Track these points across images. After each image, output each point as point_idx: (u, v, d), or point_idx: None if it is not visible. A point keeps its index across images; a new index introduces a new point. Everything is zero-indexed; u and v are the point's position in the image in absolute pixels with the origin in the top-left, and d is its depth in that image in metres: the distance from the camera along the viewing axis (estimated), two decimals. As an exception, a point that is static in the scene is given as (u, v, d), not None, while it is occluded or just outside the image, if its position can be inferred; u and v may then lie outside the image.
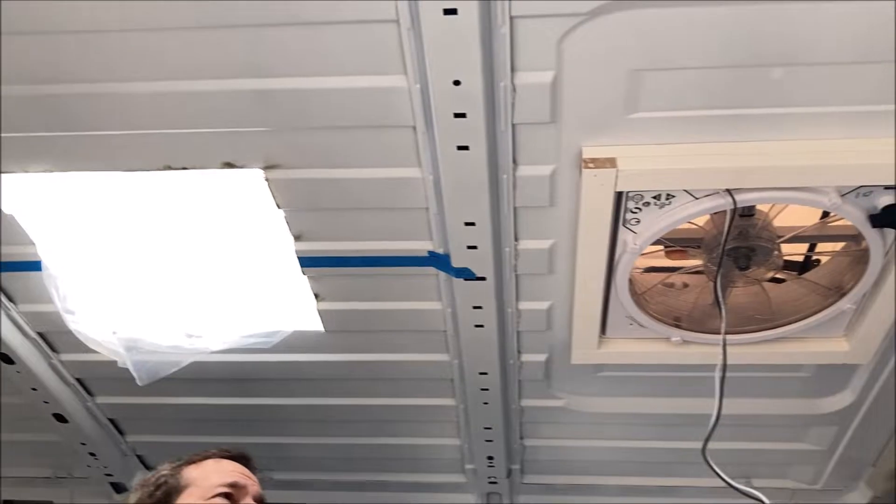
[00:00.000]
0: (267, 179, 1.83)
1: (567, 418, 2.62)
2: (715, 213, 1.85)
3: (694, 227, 1.93)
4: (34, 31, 1.54)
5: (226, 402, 2.66)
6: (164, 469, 1.61)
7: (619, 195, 1.75)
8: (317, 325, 2.28)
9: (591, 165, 1.67)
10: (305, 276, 2.12)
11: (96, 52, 1.58)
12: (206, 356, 2.32)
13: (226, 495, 1.56)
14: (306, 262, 2.07)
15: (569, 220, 1.87)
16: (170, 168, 1.81)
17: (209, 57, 1.57)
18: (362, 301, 2.21)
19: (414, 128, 1.66)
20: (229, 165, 1.81)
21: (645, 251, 1.95)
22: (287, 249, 2.03)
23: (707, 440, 1.84)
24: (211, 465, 1.62)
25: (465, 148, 1.64)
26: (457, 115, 1.56)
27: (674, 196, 1.76)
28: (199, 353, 2.26)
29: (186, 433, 2.85)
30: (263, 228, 1.99)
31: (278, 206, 1.91)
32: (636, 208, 1.80)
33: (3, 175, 1.83)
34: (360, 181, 1.82)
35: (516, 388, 2.50)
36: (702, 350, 2.12)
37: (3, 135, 1.75)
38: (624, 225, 1.84)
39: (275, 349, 2.32)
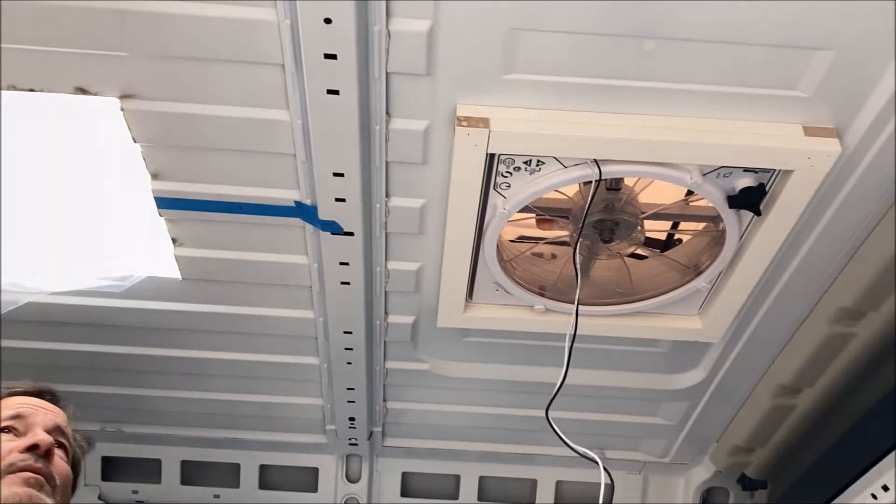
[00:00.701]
0: (123, 109, 1.71)
1: (431, 382, 2.62)
2: (584, 185, 1.86)
3: (563, 197, 1.94)
4: None
5: (77, 348, 2.52)
6: None
7: (490, 157, 1.73)
8: (174, 271, 2.17)
9: (464, 124, 1.65)
10: (163, 219, 2.01)
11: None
12: (52, 297, 2.17)
13: (8, 429, 1.46)
14: (164, 203, 1.96)
15: (441, 180, 1.84)
16: (14, 88, 1.66)
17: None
18: (224, 249, 2.12)
19: (283, 66, 1.58)
20: (82, 91, 1.67)
21: (516, 219, 1.96)
22: (144, 188, 1.91)
23: (550, 403, 1.87)
24: (1, 405, 1.51)
25: (336, 92, 1.58)
26: (327, 56, 1.49)
27: (544, 163, 1.76)
28: (40, 293, 2.11)
29: (39, 380, 2.68)
30: (119, 163, 1.86)
31: (135, 140, 1.79)
32: (507, 172, 1.79)
33: None
34: (223, 119, 1.73)
35: (382, 349, 2.47)
36: (562, 319, 2.14)
37: None
38: (494, 188, 1.83)
39: (128, 294, 2.20)
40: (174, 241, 2.08)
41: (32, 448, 1.40)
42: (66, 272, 2.08)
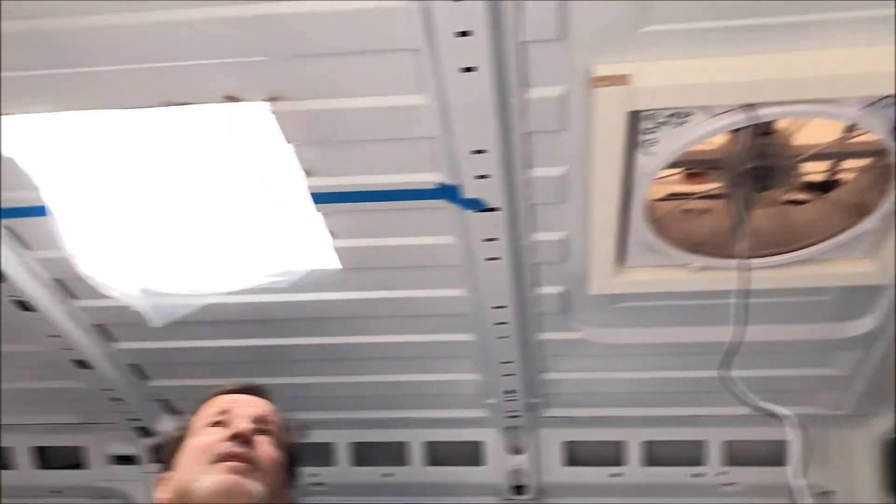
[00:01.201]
0: (273, 112, 1.78)
1: (587, 350, 2.60)
2: (734, 132, 1.79)
3: (712, 147, 1.87)
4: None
5: (244, 343, 2.67)
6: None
7: (633, 115, 1.69)
8: (333, 262, 2.26)
9: (602, 84, 1.61)
10: (319, 213, 2.09)
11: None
12: (221, 297, 2.31)
13: (217, 423, 1.64)
14: (318, 198, 2.03)
15: (582, 145, 1.81)
16: (170, 104, 1.77)
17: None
18: (376, 237, 2.18)
19: (416, 50, 1.60)
20: (232, 99, 1.76)
21: (662, 175, 1.90)
22: (299, 186, 1.99)
23: (725, 364, 1.81)
24: (209, 404, 1.74)
25: (471, 69, 1.58)
26: (460, 34, 1.50)
27: (691, 114, 1.70)
28: (213, 295, 2.25)
29: (207, 376, 2.84)
30: (274, 165, 1.95)
31: (287, 141, 1.87)
32: (652, 129, 1.74)
33: (4, 117, 1.80)
34: (364, 111, 1.77)
35: (534, 321, 2.47)
36: (722, 275, 2.07)
37: (2, 74, 1.72)
38: (639, 147, 1.79)
39: (292, 289, 2.31)
40: (332, 233, 2.16)
41: (234, 437, 1.53)
42: (236, 273, 2.21)
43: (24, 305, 2.39)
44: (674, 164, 1.85)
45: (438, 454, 3.11)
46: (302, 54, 1.66)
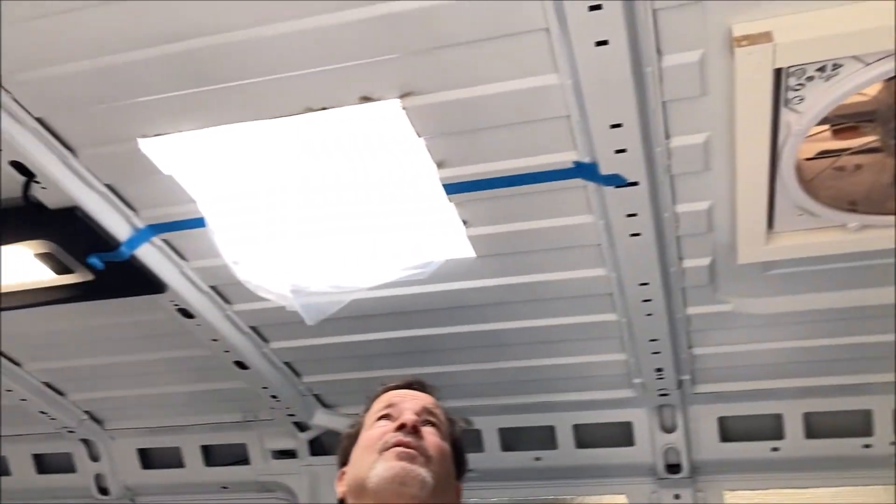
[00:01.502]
0: (404, 108, 1.81)
1: (737, 322, 2.51)
2: (887, 81, 1.67)
3: (864, 98, 1.76)
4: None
5: (388, 335, 2.73)
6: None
7: (777, 73, 1.61)
8: (468, 251, 2.27)
9: (743, 43, 1.55)
10: (452, 204, 2.11)
11: (219, 2, 1.60)
12: (366, 293, 2.37)
13: (385, 416, 1.71)
14: (451, 188, 2.05)
15: (723, 108, 1.75)
16: (310, 110, 1.83)
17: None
18: (511, 223, 2.18)
19: (547, 30, 1.59)
20: (366, 99, 1.80)
21: (811, 133, 1.81)
22: (431, 178, 2.02)
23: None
24: (377, 400, 1.80)
25: (605, 43, 1.55)
26: (592, 8, 1.47)
27: (840, 65, 1.60)
28: (359, 291, 2.31)
29: (355, 370, 2.96)
30: (406, 159, 1.98)
31: (418, 135, 1.89)
32: (798, 85, 1.65)
33: (160, 137, 1.91)
34: (496, 97, 1.78)
35: (680, 296, 2.41)
36: (883, 234, 1.95)
37: (150, 98, 1.82)
38: (786, 105, 1.70)
39: (430, 279, 2.34)
40: (465, 222, 2.17)
41: (401, 427, 1.58)
42: (378, 268, 2.26)
43: (186, 313, 2.53)
44: (824, 121, 1.75)
45: (587, 436, 3.08)
46: (432, 47, 1.68)
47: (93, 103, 1.85)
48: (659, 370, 2.68)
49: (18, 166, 1.97)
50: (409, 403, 1.72)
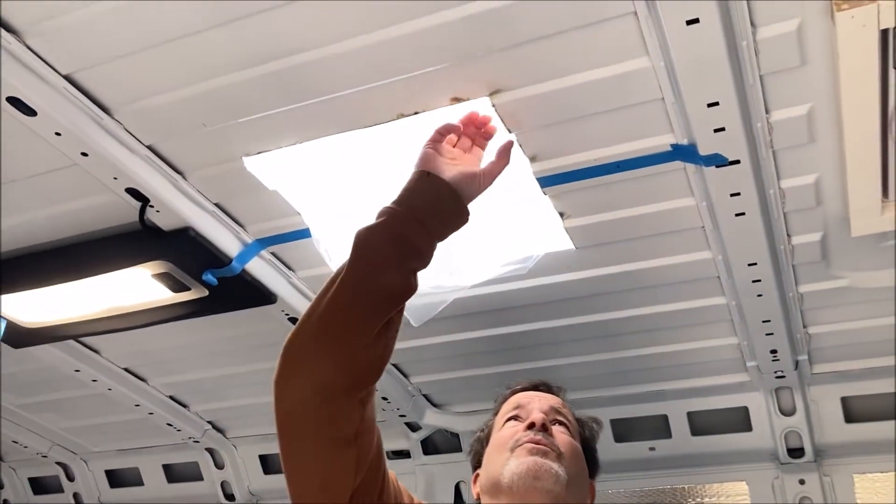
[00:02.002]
0: (494, 105, 1.82)
1: (853, 298, 2.40)
2: None
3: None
4: (246, 14, 1.63)
5: (493, 332, 2.74)
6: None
7: (884, 34, 1.53)
8: (567, 243, 2.26)
9: (844, 7, 1.48)
10: (547, 196, 2.11)
11: (308, 19, 1.65)
12: (468, 291, 2.39)
13: (514, 417, 1.76)
14: (546, 181, 2.05)
15: (827, 76, 1.68)
16: (403, 115, 1.86)
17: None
18: (610, 211, 2.16)
19: (634, 13, 1.57)
20: (457, 100, 1.82)
21: (924, 93, 1.71)
22: (525, 172, 2.02)
23: None
24: (505, 403, 1.88)
25: (696, 21, 1.52)
26: (680, -13, 1.44)
27: (953, 19, 1.51)
28: (461, 290, 2.33)
29: (462, 368, 2.99)
30: (499, 156, 1.98)
31: (509, 131, 1.90)
32: (907, 44, 1.57)
33: (263, 154, 1.99)
34: (586, 85, 1.76)
35: (791, 274, 2.33)
36: None
37: (251, 117, 1.90)
38: (895, 67, 1.62)
39: (531, 274, 2.34)
40: (562, 214, 2.16)
41: (531, 426, 1.60)
42: (477, 267, 2.28)
43: (296, 321, 2.61)
44: (938, 78, 1.66)
45: (703, 423, 3.01)
46: (517, 43, 1.68)
47: (198, 127, 1.94)
48: (773, 352, 2.59)
49: (134, 192, 2.08)
50: (537, 403, 1.76)
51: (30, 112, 1.83)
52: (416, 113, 1.85)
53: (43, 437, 3.79)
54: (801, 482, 2.92)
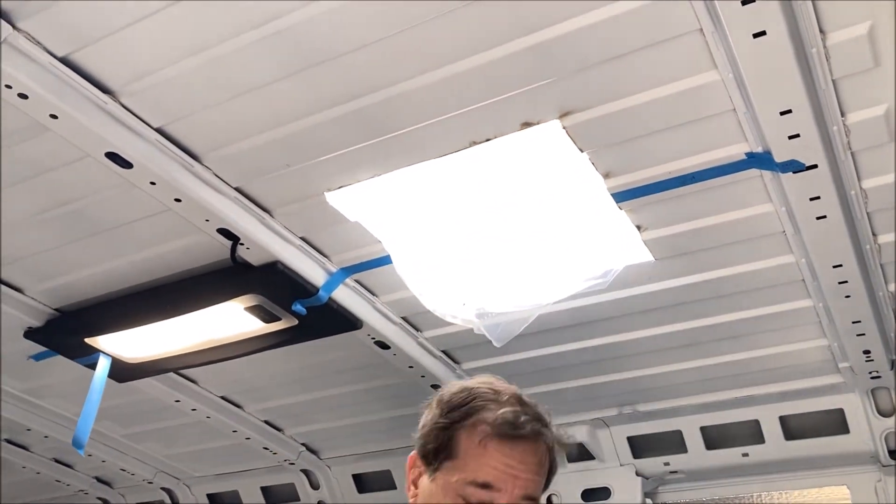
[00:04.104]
0: (564, 128, 1.86)
1: (949, 293, 2.33)
2: None
3: None
4: (321, 60, 1.71)
5: (575, 346, 2.76)
6: (441, 420, 1.53)
7: (960, 29, 1.51)
8: (646, 255, 2.27)
9: (916, 7, 1.46)
10: (623, 211, 2.12)
11: (380, 60, 1.72)
12: (549, 307, 2.42)
13: (484, 486, 1.44)
14: (621, 196, 2.07)
15: (901, 75, 1.66)
16: (475, 143, 1.92)
17: (478, 31, 1.65)
18: (687, 221, 2.16)
19: (700, 30, 1.58)
20: (527, 125, 1.86)
21: None
22: (599, 189, 2.04)
23: None
24: (474, 447, 1.46)
25: (763, 33, 1.52)
26: (745, 2, 1.45)
27: None
28: (543, 307, 2.36)
29: (546, 382, 3.01)
30: (573, 175, 2.02)
31: (581, 150, 1.93)
32: None
33: (343, 189, 2.07)
34: (654, 102, 1.78)
35: (879, 273, 2.27)
36: None
37: (331, 155, 1.98)
38: (973, 62, 1.59)
39: (612, 287, 2.35)
40: (639, 227, 2.18)
41: None
42: (558, 283, 2.31)
43: (382, 344, 2.70)
44: None
45: (796, 427, 2.94)
46: (586, 66, 1.72)
47: (282, 167, 2.04)
48: (867, 352, 2.53)
49: (225, 232, 2.19)
50: (512, 487, 1.44)
51: (126, 165, 1.95)
52: (487, 140, 1.90)
53: (147, 464, 3.97)
54: (906, 484, 2.84)
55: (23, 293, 2.62)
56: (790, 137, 1.77)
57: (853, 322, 2.40)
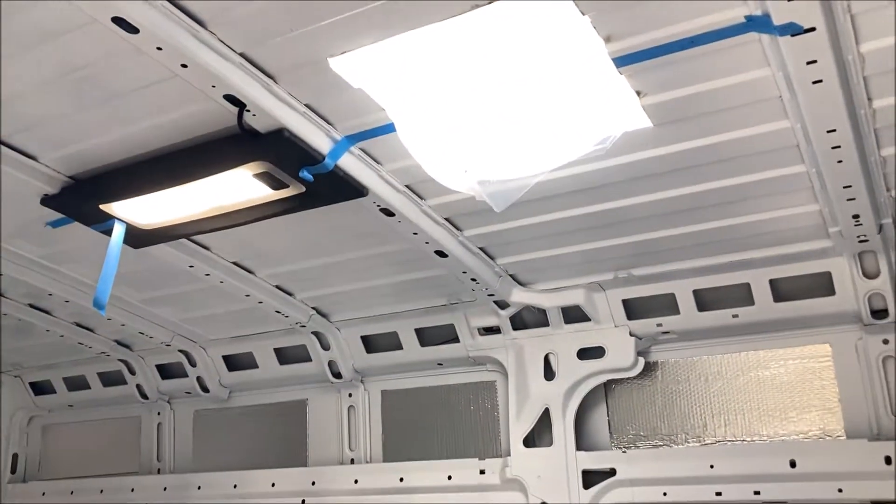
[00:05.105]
0: (565, -9, 1.86)
1: (940, 158, 2.40)
2: None
3: None
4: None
5: (575, 213, 2.85)
6: None
7: None
8: (644, 121, 2.32)
9: None
10: (623, 76, 2.15)
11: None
12: (549, 174, 2.48)
13: None
14: (622, 61, 2.09)
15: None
16: (477, 6, 1.92)
17: None
18: (686, 86, 2.20)
19: None
20: (528, -12, 1.87)
21: None
22: (600, 53, 2.07)
23: None
24: None
25: None
26: None
27: None
28: (541, 174, 2.43)
29: (547, 248, 3.13)
30: (574, 39, 2.04)
31: (582, 13, 1.94)
32: None
33: (346, 55, 2.09)
34: (657, -37, 1.78)
35: (873, 138, 2.33)
36: None
37: (334, 19, 1.99)
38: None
39: (610, 154, 2.41)
40: (638, 93, 2.21)
41: None
42: (557, 150, 2.36)
43: (387, 212, 2.78)
44: None
45: (785, 290, 3.08)
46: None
47: (285, 32, 2.06)
48: (856, 216, 2.62)
49: (231, 98, 2.24)
50: None
51: (133, 30, 1.98)
52: (491, 2, 1.91)
53: (165, 328, 4.17)
54: (885, 342, 2.99)
55: (37, 160, 2.69)
56: (789, -1, 1.79)
57: (844, 187, 2.48)
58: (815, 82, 2.04)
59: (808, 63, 1.98)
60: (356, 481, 3.94)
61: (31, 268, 3.49)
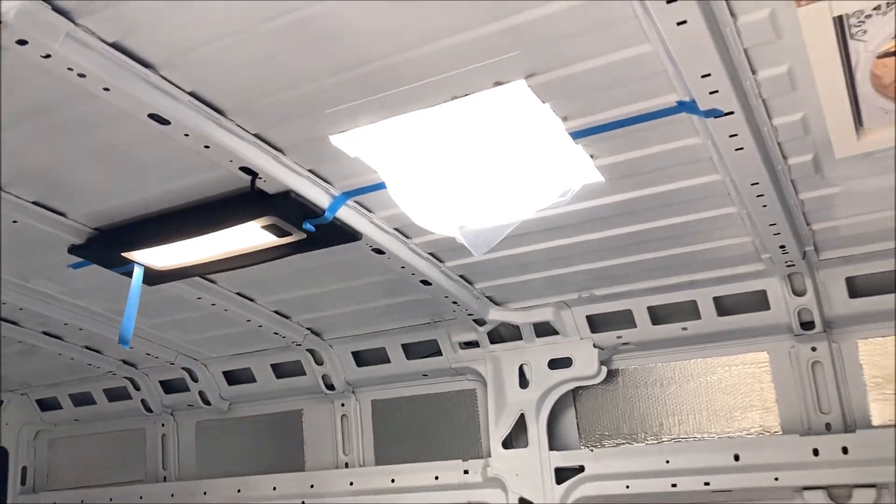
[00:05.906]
0: (529, 86, 2.26)
1: (848, 200, 2.83)
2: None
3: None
4: (333, 36, 2.08)
5: (542, 246, 3.24)
6: None
7: (839, 18, 1.91)
8: (598, 177, 2.72)
9: (803, 4, 1.86)
10: (579, 145, 2.55)
11: (383, 36, 2.09)
12: (520, 220, 2.88)
13: None
14: (577, 135, 2.49)
15: (798, 44, 2.06)
16: (455, 97, 2.31)
17: (461, 15, 2.01)
18: (631, 151, 2.60)
19: (636, 16, 1.97)
20: (499, 83, 2.26)
21: (882, 50, 2.09)
22: (559, 130, 2.46)
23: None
24: None
25: (684, 22, 1.91)
26: (670, 1, 1.84)
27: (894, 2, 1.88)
28: (515, 224, 2.81)
29: (518, 274, 3.52)
30: (537, 120, 2.43)
31: (543, 102, 2.34)
32: (859, 22, 1.94)
33: (345, 133, 2.47)
34: (604, 66, 2.19)
35: (791, 186, 2.75)
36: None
37: (337, 108, 2.37)
38: (852, 38, 2.00)
39: (571, 202, 2.80)
40: (592, 156, 2.61)
41: None
42: (527, 201, 2.75)
43: (378, 251, 3.16)
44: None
45: (727, 306, 3.52)
46: (547, 41, 2.10)
47: (294, 118, 2.43)
48: (782, 247, 3.05)
49: (245, 169, 2.60)
50: None
51: (165, 122, 2.33)
52: (466, 95, 2.30)
53: (169, 348, 4.50)
54: (813, 349, 3.45)
55: (66, 216, 3.01)
56: (711, 93, 2.19)
57: (770, 224, 2.90)
58: (737, 149, 2.45)
59: (731, 136, 2.39)
60: (351, 483, 4.33)
61: (49, 302, 3.81)
